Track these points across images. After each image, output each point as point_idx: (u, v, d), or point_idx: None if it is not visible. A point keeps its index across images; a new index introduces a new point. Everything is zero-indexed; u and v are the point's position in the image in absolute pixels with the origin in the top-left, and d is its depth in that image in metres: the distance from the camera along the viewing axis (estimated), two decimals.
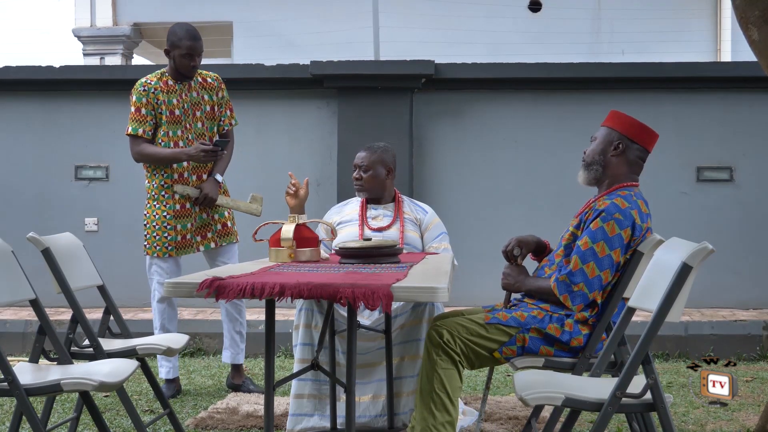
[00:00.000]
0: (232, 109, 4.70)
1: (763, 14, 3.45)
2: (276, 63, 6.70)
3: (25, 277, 2.98)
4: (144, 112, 4.42)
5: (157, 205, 4.49)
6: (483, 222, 6.68)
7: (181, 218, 4.48)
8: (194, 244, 4.52)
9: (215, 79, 4.63)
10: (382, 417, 3.68)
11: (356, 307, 2.40)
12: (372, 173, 3.97)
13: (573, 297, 3.02)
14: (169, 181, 4.47)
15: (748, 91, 6.61)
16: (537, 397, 2.54)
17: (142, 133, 4.42)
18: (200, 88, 4.55)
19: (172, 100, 4.47)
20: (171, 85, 4.48)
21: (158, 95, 4.43)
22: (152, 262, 4.52)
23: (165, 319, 4.53)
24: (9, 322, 6.02)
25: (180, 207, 4.48)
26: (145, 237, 4.53)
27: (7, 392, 2.67)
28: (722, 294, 6.51)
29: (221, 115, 4.63)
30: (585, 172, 3.23)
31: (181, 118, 4.47)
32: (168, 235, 4.46)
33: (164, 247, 4.47)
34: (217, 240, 4.57)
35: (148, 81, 4.46)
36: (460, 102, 6.74)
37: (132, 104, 4.45)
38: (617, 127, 3.20)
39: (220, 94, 4.62)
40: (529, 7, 12.33)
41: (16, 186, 6.82)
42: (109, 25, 12.83)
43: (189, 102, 4.50)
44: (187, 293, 2.53)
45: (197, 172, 4.52)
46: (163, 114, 4.44)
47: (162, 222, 4.47)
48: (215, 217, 4.57)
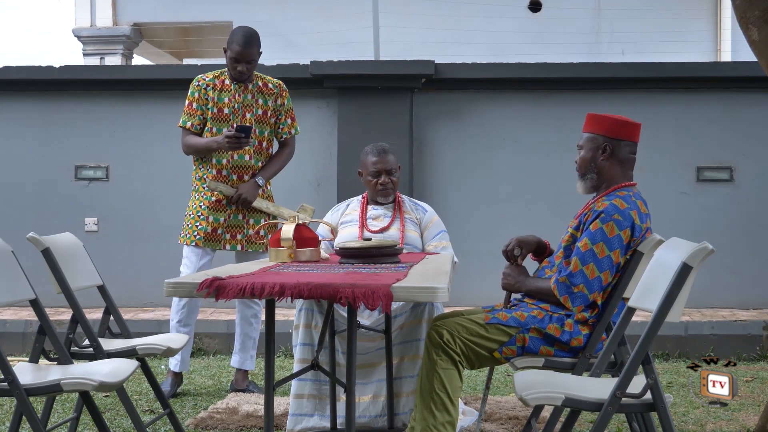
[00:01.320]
0: (294, 117, 4.69)
1: (763, 14, 3.45)
2: (276, 63, 6.70)
3: (25, 277, 2.98)
4: (195, 107, 4.52)
5: (197, 196, 4.55)
6: (483, 222, 6.68)
7: (215, 211, 4.51)
8: (222, 241, 4.53)
9: (277, 86, 4.63)
10: (382, 417, 3.68)
11: (356, 307, 2.40)
12: (397, 174, 4.03)
13: (573, 298, 3.02)
14: (208, 175, 4.51)
15: (748, 91, 6.61)
16: (537, 397, 2.54)
17: (190, 126, 4.51)
18: (257, 91, 4.57)
19: (223, 98, 4.51)
20: (227, 84, 4.53)
21: (209, 92, 4.51)
22: (185, 253, 4.56)
23: (184, 313, 4.54)
24: (9, 322, 6.02)
25: (216, 200, 4.51)
26: (182, 227, 4.59)
27: (7, 392, 2.67)
28: (722, 294, 6.51)
29: (280, 123, 4.63)
30: (581, 182, 3.25)
31: (229, 117, 4.50)
32: (199, 224, 4.50)
33: (193, 236, 4.50)
34: (245, 245, 4.55)
35: (204, 77, 4.56)
36: (460, 102, 6.74)
37: (187, 98, 4.55)
38: (599, 130, 3.19)
39: (279, 101, 4.62)
40: (529, 7, 12.33)
41: (16, 186, 6.82)
42: (109, 25, 12.82)
43: (240, 102, 4.52)
44: (187, 293, 2.53)
45: (238, 172, 4.51)
46: (209, 110, 4.50)
47: (197, 212, 4.52)
48: (250, 221, 4.55)
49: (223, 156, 4.49)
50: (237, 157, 4.50)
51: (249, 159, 4.53)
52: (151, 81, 6.78)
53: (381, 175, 3.97)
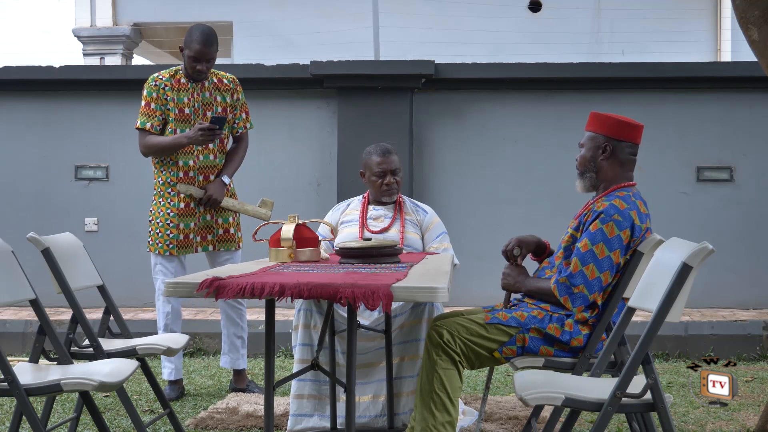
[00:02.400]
0: (248, 112, 4.67)
1: (763, 14, 3.45)
2: (276, 63, 6.70)
3: (25, 277, 2.98)
4: (153, 107, 4.44)
5: (162, 202, 4.48)
6: (483, 222, 6.68)
7: (185, 217, 4.46)
8: (194, 244, 4.50)
9: (231, 80, 4.61)
10: (382, 417, 3.68)
11: (356, 307, 2.40)
12: (401, 174, 4.03)
13: (573, 299, 3.02)
14: (174, 179, 4.45)
15: (748, 91, 6.61)
16: (537, 397, 2.54)
17: (150, 128, 4.42)
18: (214, 88, 4.54)
19: (183, 98, 4.46)
20: (183, 83, 4.48)
21: (167, 92, 4.43)
22: (156, 260, 4.50)
23: (169, 319, 4.52)
24: (9, 322, 6.02)
25: (184, 206, 4.46)
26: (149, 233, 4.52)
27: (7, 392, 2.67)
28: (722, 294, 6.51)
29: (236, 118, 4.60)
30: (580, 180, 3.25)
31: (191, 117, 4.46)
32: (170, 233, 4.45)
33: (166, 245, 4.45)
34: (216, 244, 4.53)
35: (159, 76, 4.48)
36: (460, 102, 6.74)
37: (143, 98, 4.47)
38: (601, 129, 3.19)
39: (236, 96, 4.60)
40: (529, 7, 12.33)
41: (16, 186, 6.82)
42: (109, 25, 12.82)
43: (200, 101, 4.48)
44: (187, 293, 2.53)
45: (204, 173, 4.49)
46: (170, 111, 4.44)
47: (165, 219, 4.45)
48: (219, 221, 4.54)
49: (189, 157, 4.44)
50: (203, 158, 4.46)
51: (214, 159, 4.50)
52: None
53: (386, 175, 3.97)
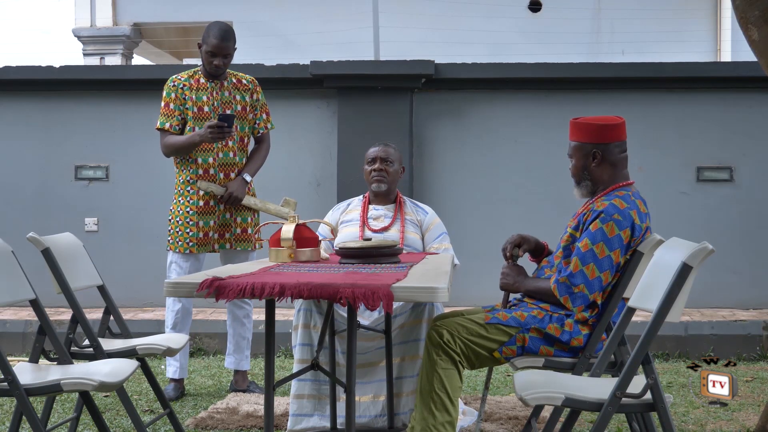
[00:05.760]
0: (269, 113, 4.68)
1: (763, 14, 3.45)
2: (276, 63, 6.70)
3: (25, 277, 2.98)
4: (172, 107, 4.48)
5: (182, 201, 4.50)
6: (483, 222, 6.68)
7: (204, 215, 4.47)
8: (212, 242, 4.51)
9: (251, 81, 4.63)
10: (382, 417, 3.68)
11: (356, 307, 2.40)
12: (394, 167, 4.00)
13: (573, 299, 3.02)
14: (194, 176, 4.47)
15: (748, 91, 6.61)
16: (537, 397, 2.54)
17: (169, 127, 4.47)
18: (233, 88, 4.55)
19: (202, 97, 4.48)
20: (202, 82, 4.51)
21: (185, 91, 4.47)
22: (172, 259, 4.52)
23: (178, 317, 4.53)
24: (9, 322, 6.02)
25: (204, 204, 4.47)
26: (168, 232, 4.54)
27: (7, 392, 2.67)
28: (722, 294, 6.51)
29: (256, 118, 4.62)
30: (577, 189, 3.27)
31: (210, 116, 4.47)
32: (190, 231, 4.46)
33: (185, 243, 4.46)
34: (233, 243, 4.54)
35: (178, 77, 4.52)
36: (460, 102, 6.74)
37: (162, 99, 4.51)
38: (585, 138, 3.20)
39: (255, 96, 4.61)
40: (529, 7, 12.33)
41: (16, 186, 6.82)
42: (109, 25, 12.82)
43: (219, 100, 4.50)
44: (187, 293, 2.53)
45: (224, 170, 4.49)
46: (189, 110, 4.47)
47: (185, 218, 4.47)
48: (237, 219, 4.54)
49: (209, 155, 4.46)
50: (222, 155, 4.47)
51: (234, 156, 4.51)
52: (151, 81, 6.76)
53: (376, 161, 3.97)
